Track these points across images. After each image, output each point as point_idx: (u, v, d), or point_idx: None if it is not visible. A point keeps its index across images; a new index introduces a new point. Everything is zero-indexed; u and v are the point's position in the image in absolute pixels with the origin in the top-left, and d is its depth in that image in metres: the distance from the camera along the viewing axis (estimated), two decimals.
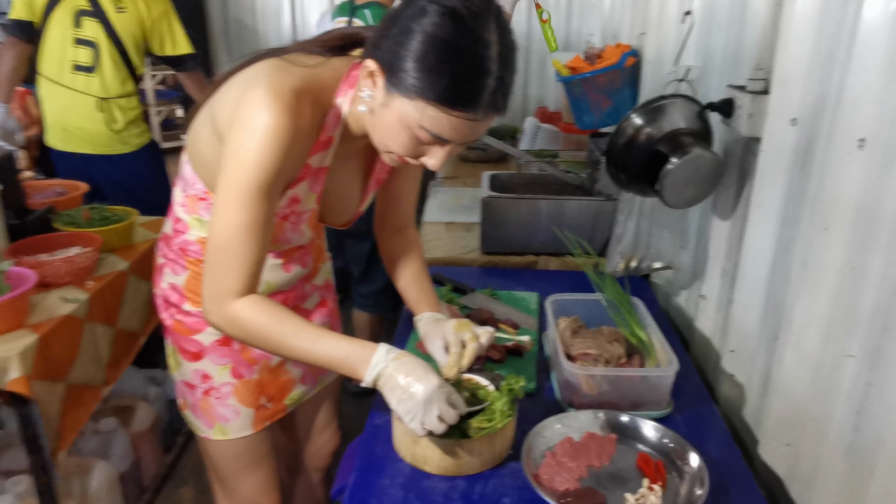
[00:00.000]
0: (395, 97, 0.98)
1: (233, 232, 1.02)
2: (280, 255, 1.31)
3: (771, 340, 1.27)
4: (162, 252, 1.35)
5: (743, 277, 1.38)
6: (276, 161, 1.00)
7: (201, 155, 1.15)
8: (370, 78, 1.01)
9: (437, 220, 2.36)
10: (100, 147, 2.68)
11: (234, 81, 1.09)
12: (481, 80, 0.95)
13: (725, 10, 1.53)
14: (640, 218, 1.67)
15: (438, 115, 0.96)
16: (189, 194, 1.22)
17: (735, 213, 1.45)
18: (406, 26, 0.95)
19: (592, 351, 1.35)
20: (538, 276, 1.94)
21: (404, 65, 0.95)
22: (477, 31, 0.94)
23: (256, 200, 1.01)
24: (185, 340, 1.33)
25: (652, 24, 2.19)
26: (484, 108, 0.97)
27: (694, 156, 1.36)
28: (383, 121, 1.02)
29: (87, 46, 2.59)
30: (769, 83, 1.31)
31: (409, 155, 1.05)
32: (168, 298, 1.33)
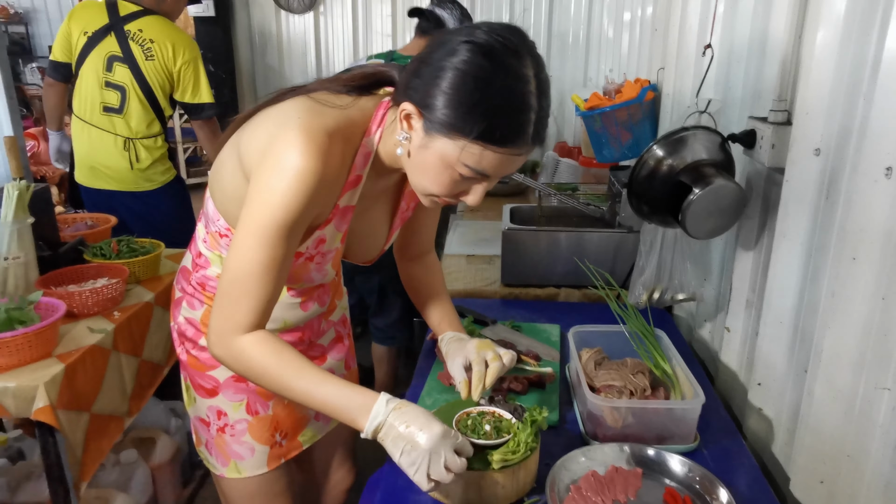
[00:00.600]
0: (436, 138, 0.98)
1: (249, 268, 1.01)
2: (299, 294, 1.29)
3: (800, 373, 1.24)
4: (180, 285, 1.34)
5: (769, 309, 1.36)
6: (302, 204, 0.99)
7: (224, 191, 1.15)
8: (406, 121, 1.01)
9: (458, 253, 2.36)
10: (125, 184, 2.76)
11: (261, 119, 1.08)
12: (523, 115, 0.96)
13: (745, 43, 1.53)
14: (662, 249, 1.66)
15: (482, 153, 0.97)
16: (211, 231, 1.22)
17: (759, 243, 1.44)
18: (441, 66, 0.95)
19: (616, 383, 1.32)
20: (560, 308, 1.92)
21: (444, 105, 0.95)
22: (515, 67, 0.95)
23: (276, 240, 1.00)
24: (200, 376, 1.31)
25: (670, 58, 2.20)
26: (526, 142, 0.98)
27: (717, 186, 1.35)
28: (423, 162, 1.02)
29: (116, 90, 2.70)
30: (791, 114, 1.30)
31: (450, 194, 1.05)
32: (184, 332, 1.32)
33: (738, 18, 1.59)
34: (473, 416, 1.19)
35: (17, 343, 1.45)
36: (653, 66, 2.47)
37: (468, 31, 0.98)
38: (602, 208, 2.15)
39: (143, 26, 2.69)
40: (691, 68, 1.95)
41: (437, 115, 0.96)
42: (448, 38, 0.98)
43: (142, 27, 2.69)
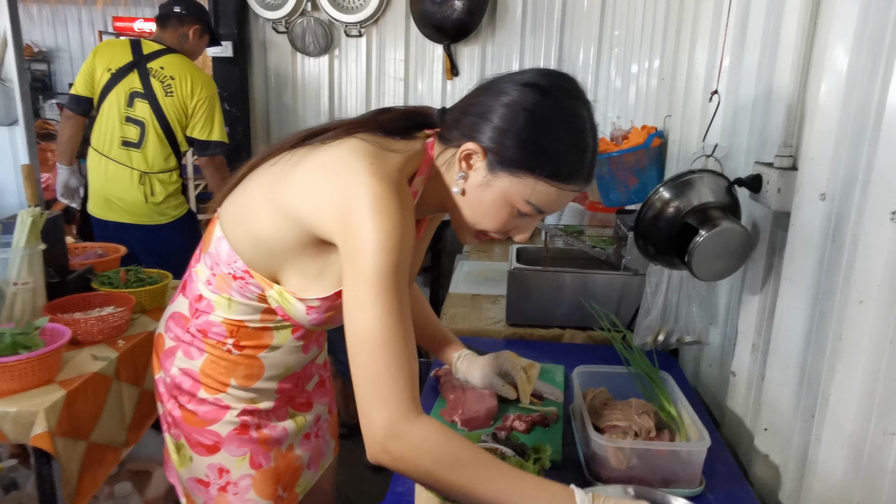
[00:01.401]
0: (500, 176, 1.01)
1: (387, 328, 0.91)
2: (302, 337, 1.24)
3: (807, 418, 1.22)
4: (172, 333, 1.25)
5: (775, 353, 1.34)
6: (406, 239, 0.95)
7: (254, 236, 1.09)
8: (465, 160, 1.03)
9: (464, 292, 2.35)
10: (138, 217, 2.80)
11: (309, 164, 1.03)
12: (584, 153, 1.00)
13: (751, 92, 1.56)
14: (668, 291, 1.65)
15: (548, 190, 1.00)
16: (220, 273, 1.15)
17: (765, 287, 1.43)
18: (507, 106, 0.99)
19: (621, 423, 1.30)
20: (564, 349, 1.90)
21: (514, 146, 0.98)
22: (576, 107, 1.00)
23: (397, 286, 0.93)
24: (198, 433, 1.23)
25: (677, 106, 2.23)
26: (586, 179, 1.02)
27: (723, 228, 1.35)
28: (482, 199, 1.04)
29: (136, 125, 2.76)
30: (797, 159, 1.32)
31: (502, 230, 1.08)
32: (179, 385, 1.23)
33: (743, 68, 1.62)
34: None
35: (21, 368, 1.45)
36: (659, 114, 2.51)
37: (528, 74, 1.02)
38: (608, 251, 2.15)
39: (165, 64, 2.77)
40: (698, 115, 1.98)
41: (506, 154, 0.99)
42: (508, 81, 1.02)
43: (164, 65, 2.77)
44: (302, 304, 1.12)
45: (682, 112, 2.19)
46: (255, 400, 1.25)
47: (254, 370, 1.22)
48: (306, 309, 1.12)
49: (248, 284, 1.14)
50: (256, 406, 1.25)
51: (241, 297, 1.16)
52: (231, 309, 1.17)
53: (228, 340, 1.20)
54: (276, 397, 1.28)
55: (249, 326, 1.19)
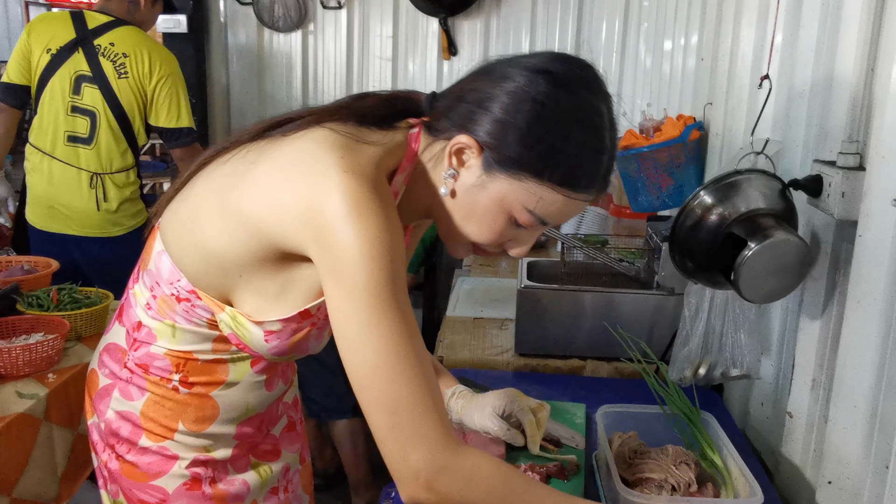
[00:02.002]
0: (497, 178, 1.00)
1: (397, 349, 0.91)
2: (263, 371, 1.23)
3: (880, 469, 1.21)
4: (108, 369, 1.22)
5: (840, 390, 1.34)
6: (395, 244, 0.94)
7: (203, 249, 1.08)
8: (457, 156, 1.02)
9: (464, 315, 2.35)
10: (87, 228, 2.76)
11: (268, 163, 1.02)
12: (600, 157, 0.99)
13: (808, 76, 1.56)
14: (710, 316, 1.65)
15: (552, 197, 0.99)
16: (161, 294, 1.13)
17: (828, 310, 1.43)
18: (511, 95, 0.97)
19: (655, 475, 1.30)
20: (585, 384, 1.90)
21: (517, 142, 0.97)
22: (594, 102, 0.99)
23: (397, 298, 0.93)
24: (139, 489, 1.19)
25: (720, 92, 2.24)
26: (601, 186, 1.01)
27: (777, 240, 1.35)
28: (473, 204, 1.03)
29: (85, 116, 2.71)
30: (864, 157, 1.32)
31: (497, 242, 1.07)
32: (115, 431, 1.19)
33: (799, 48, 1.62)
34: None
35: None
36: (698, 102, 2.51)
37: (538, 58, 1.01)
38: (637, 265, 2.15)
39: (115, 39, 2.72)
40: (744, 104, 1.99)
41: (506, 152, 0.98)
42: (512, 63, 1.01)
43: (113, 40, 2.72)
44: (259, 329, 1.10)
45: (725, 99, 2.19)
46: (209, 448, 1.22)
47: (206, 412, 1.19)
48: (265, 335, 1.10)
49: (195, 308, 1.12)
50: (210, 455, 1.22)
51: (188, 324, 1.13)
52: (176, 338, 1.15)
53: (174, 376, 1.17)
54: (235, 444, 1.25)
55: (199, 359, 1.16)
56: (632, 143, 2.43)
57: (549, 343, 2.01)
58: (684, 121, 2.42)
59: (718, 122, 2.25)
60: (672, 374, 1.71)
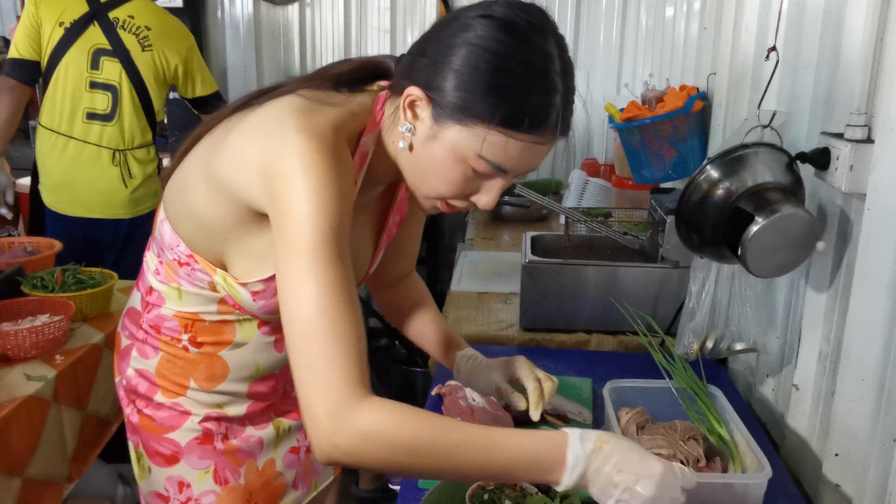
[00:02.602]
0: (446, 126, 0.99)
1: (318, 307, 0.92)
2: (271, 332, 1.27)
3: (887, 442, 1.22)
4: (128, 330, 1.31)
5: (847, 363, 1.34)
6: (339, 202, 0.96)
7: (193, 214, 1.14)
8: (410, 108, 1.02)
9: (468, 290, 2.35)
10: (109, 209, 2.70)
11: (243, 131, 1.07)
12: (549, 97, 0.98)
13: (815, 46, 1.54)
14: (716, 289, 1.65)
15: (502, 141, 0.98)
16: (166, 260, 1.20)
17: (834, 283, 1.43)
18: (454, 44, 0.98)
19: (664, 451, 1.30)
20: (591, 358, 1.90)
21: (457, 86, 0.97)
22: (540, 44, 0.98)
23: (333, 255, 0.94)
24: (156, 440, 1.28)
25: (723, 62, 2.21)
26: (553, 129, 1.00)
27: (784, 215, 1.34)
28: (430, 156, 1.03)
29: (105, 91, 2.64)
30: (873, 129, 1.31)
31: (459, 194, 1.06)
32: (135, 388, 1.29)
33: (806, 15, 1.60)
34: (491, 489, 1.17)
35: None
36: (701, 71, 2.49)
37: (484, 5, 1.00)
38: (641, 238, 2.14)
39: (134, 12, 2.66)
40: (749, 74, 1.96)
41: (450, 98, 0.98)
42: (460, 13, 1.01)
43: (132, 13, 2.66)
44: (246, 291, 1.15)
45: (728, 69, 2.17)
46: (221, 405, 1.28)
47: (216, 370, 1.25)
48: (251, 295, 1.15)
49: (195, 271, 1.18)
50: (223, 412, 1.29)
51: (191, 287, 1.20)
52: (182, 300, 1.21)
53: (183, 336, 1.24)
54: (249, 402, 1.31)
55: (206, 320, 1.22)
56: (634, 115, 2.40)
57: (554, 317, 2.01)
58: (687, 91, 2.40)
59: (722, 93, 2.23)
60: (678, 349, 1.72)
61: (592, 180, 3.24)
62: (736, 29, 2.09)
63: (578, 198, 3.20)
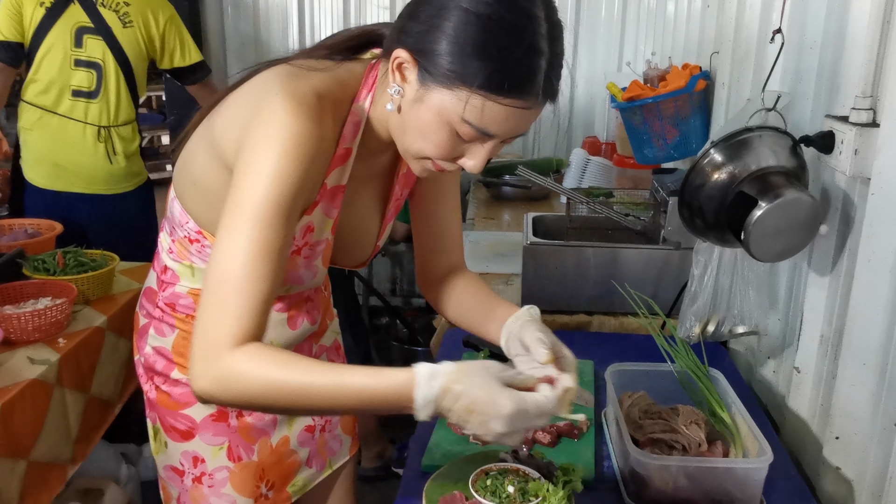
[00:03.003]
0: (432, 88, 0.99)
1: (238, 261, 0.96)
2: (285, 309, 1.30)
3: (888, 426, 1.22)
4: (145, 310, 1.34)
5: (849, 347, 1.34)
6: (299, 173, 0.99)
7: (197, 187, 1.16)
8: (398, 71, 1.03)
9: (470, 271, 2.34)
10: (94, 185, 2.73)
11: (235, 98, 1.11)
12: (533, 60, 0.97)
13: (820, 27, 1.52)
14: (719, 273, 1.65)
15: (485, 105, 0.98)
16: (178, 237, 1.23)
17: (837, 267, 1.42)
18: (441, 5, 0.98)
19: (666, 436, 1.31)
20: (592, 340, 1.90)
21: (442, 49, 0.97)
22: (525, 5, 0.97)
23: (272, 221, 0.97)
24: (172, 416, 1.32)
25: (726, 41, 2.19)
26: (536, 93, 0.99)
27: (788, 199, 1.34)
28: (417, 118, 1.03)
29: (90, 68, 2.66)
30: (878, 113, 1.29)
31: (446, 157, 1.06)
32: (153, 366, 1.32)
33: None
34: (494, 474, 1.18)
35: None
36: (704, 50, 2.47)
37: None
38: (643, 219, 2.14)
39: None
40: (752, 54, 1.95)
41: (434, 61, 0.98)
42: None
43: None
44: None
45: (732, 49, 2.15)
46: None
47: None
48: None
49: (205, 248, 1.19)
50: None
51: (203, 263, 1.21)
52: (195, 277, 1.24)
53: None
54: None
55: None
56: (637, 95, 2.38)
57: (555, 299, 2.01)
58: (690, 70, 2.38)
59: (725, 72, 2.21)
60: (680, 332, 1.72)
61: (594, 159, 3.22)
62: (740, 6, 2.07)
63: (579, 177, 3.18)
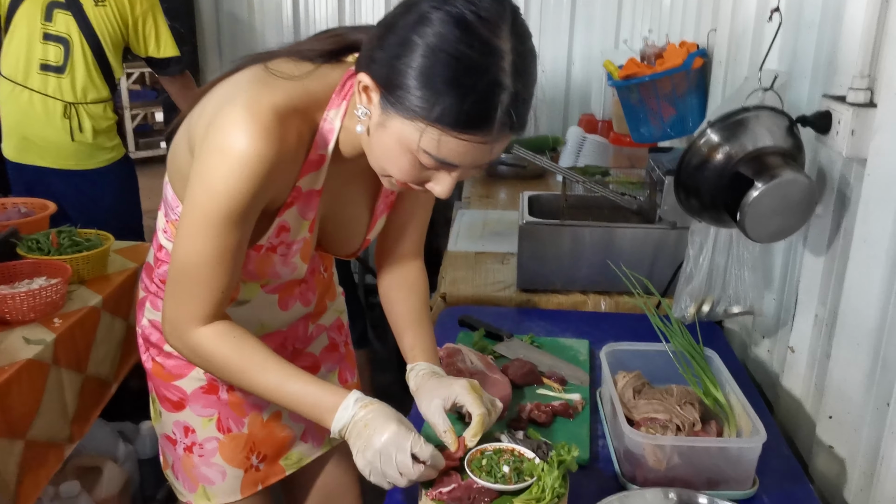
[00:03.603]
0: (393, 116, 0.99)
1: (199, 260, 1.07)
2: (275, 291, 1.32)
3: (880, 406, 1.23)
4: (143, 284, 1.38)
5: (843, 327, 1.35)
6: (249, 190, 1.03)
7: (181, 174, 1.16)
8: (364, 93, 1.02)
9: (465, 250, 2.34)
10: (61, 160, 2.72)
11: (214, 93, 1.13)
12: (492, 96, 0.95)
13: (818, 6, 1.51)
14: (714, 253, 1.65)
15: (443, 139, 0.97)
16: (171, 219, 1.24)
17: (832, 248, 1.42)
18: (405, 37, 0.96)
19: (660, 415, 1.31)
20: (588, 320, 1.91)
21: (402, 81, 0.96)
22: (487, 39, 0.94)
23: (225, 229, 1.05)
24: (165, 387, 1.36)
25: (724, 18, 2.18)
26: (496, 129, 0.97)
27: (784, 180, 1.34)
28: (380, 143, 1.03)
29: (57, 43, 2.64)
30: (875, 93, 1.29)
31: (411, 181, 1.06)
32: (148, 337, 1.36)
33: None
34: (489, 454, 1.18)
35: None
36: (701, 27, 2.45)
37: None
38: (639, 198, 2.13)
39: None
40: (750, 30, 1.93)
41: (395, 92, 0.97)
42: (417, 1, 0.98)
43: None
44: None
45: (729, 26, 2.13)
46: None
47: None
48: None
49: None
50: None
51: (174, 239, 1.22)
52: None
53: None
54: None
55: None
56: (633, 73, 2.37)
57: (550, 278, 2.01)
58: (687, 48, 2.36)
59: (722, 50, 2.20)
60: (675, 312, 1.72)
61: (590, 137, 3.20)
62: None
63: (575, 155, 3.17)
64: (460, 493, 1.11)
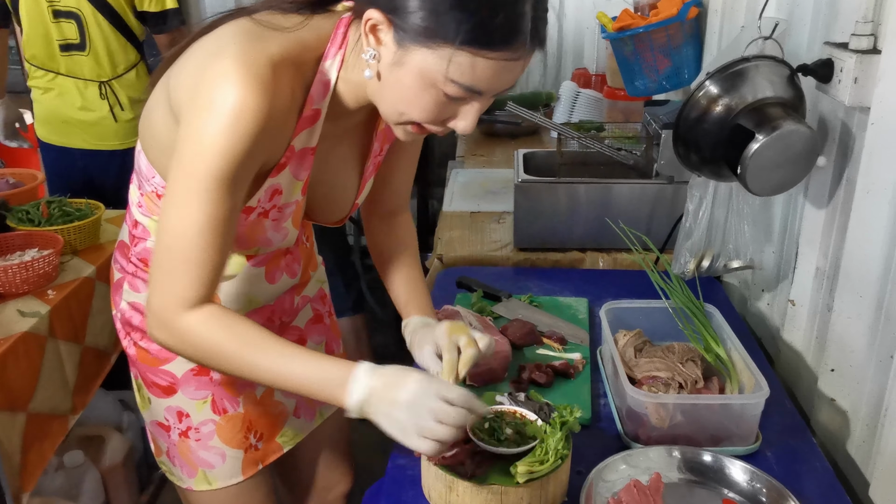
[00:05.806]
0: (411, 50, 0.93)
1: (188, 233, 0.98)
2: (261, 263, 1.26)
3: (884, 358, 1.21)
4: (119, 264, 1.30)
5: (846, 279, 1.32)
6: (244, 148, 0.95)
7: (157, 140, 1.11)
8: (372, 34, 0.96)
9: (460, 210, 2.30)
10: (104, 140, 2.66)
11: (193, 50, 1.04)
12: (518, 7, 0.91)
13: None
14: (713, 207, 1.61)
15: (471, 61, 0.92)
16: (146, 192, 1.18)
17: (834, 199, 1.39)
18: None
19: (662, 373, 1.30)
20: (586, 277, 1.88)
21: (419, 7, 0.90)
22: None
23: (217, 194, 0.97)
24: (152, 372, 1.29)
25: None
26: (524, 42, 0.93)
27: (785, 131, 1.30)
28: (398, 83, 0.97)
29: (69, 19, 2.54)
30: (879, 39, 1.24)
31: (434, 120, 1.01)
32: (129, 321, 1.29)
33: None
34: (492, 417, 1.16)
35: None
36: None
37: None
38: (635, 153, 2.09)
39: None
40: None
41: (412, 19, 0.91)
42: None
43: None
44: None
45: None
46: None
47: None
48: None
49: None
50: None
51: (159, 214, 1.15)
52: None
53: None
54: None
55: None
56: (627, 24, 2.31)
57: (548, 236, 1.98)
58: None
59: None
60: (674, 268, 1.70)
61: (584, 92, 3.14)
62: None
63: (569, 110, 3.11)
64: (463, 456, 1.09)
